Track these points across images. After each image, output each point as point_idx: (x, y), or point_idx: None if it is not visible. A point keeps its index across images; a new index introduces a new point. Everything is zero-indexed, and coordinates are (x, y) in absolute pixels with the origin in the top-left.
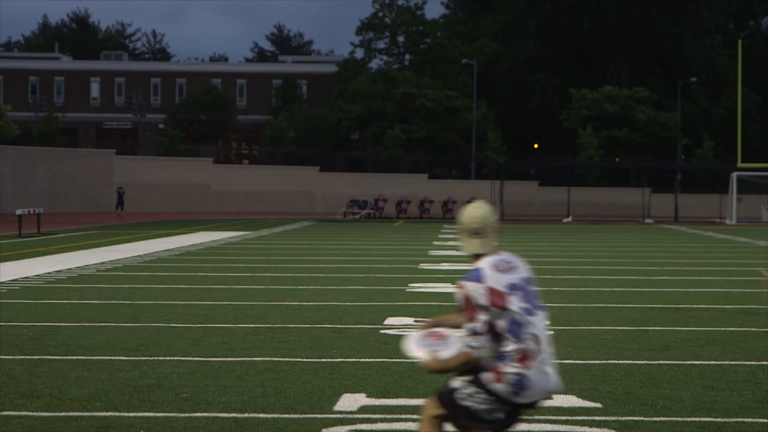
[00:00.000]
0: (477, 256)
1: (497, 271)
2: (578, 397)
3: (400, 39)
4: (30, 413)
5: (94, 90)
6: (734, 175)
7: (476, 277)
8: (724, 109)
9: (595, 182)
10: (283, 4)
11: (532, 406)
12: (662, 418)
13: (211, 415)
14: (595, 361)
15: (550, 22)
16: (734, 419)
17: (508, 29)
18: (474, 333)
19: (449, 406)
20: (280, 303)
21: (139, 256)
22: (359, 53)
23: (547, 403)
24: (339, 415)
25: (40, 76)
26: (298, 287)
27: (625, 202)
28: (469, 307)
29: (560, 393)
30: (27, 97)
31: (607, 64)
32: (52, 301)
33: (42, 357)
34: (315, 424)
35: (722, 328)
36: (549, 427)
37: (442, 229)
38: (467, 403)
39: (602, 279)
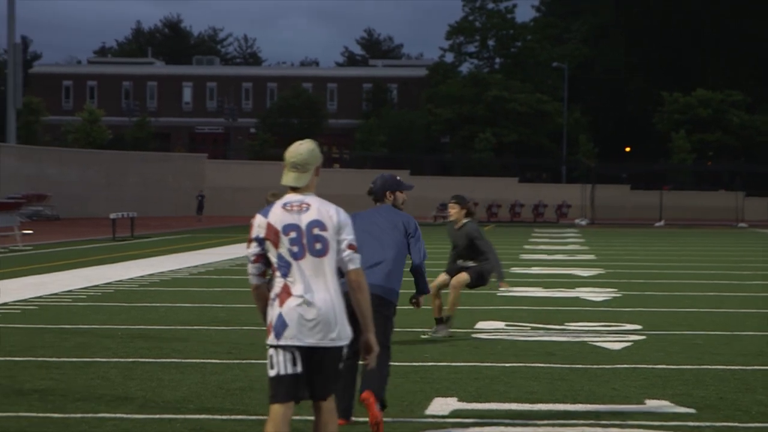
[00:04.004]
0: (294, 189)
1: (284, 210)
2: (671, 402)
3: (491, 43)
4: (124, 415)
5: (187, 94)
6: None
7: (265, 211)
8: None
9: (688, 186)
10: (373, 9)
11: (313, 352)
12: (757, 424)
13: (303, 418)
14: (688, 367)
15: (641, 25)
16: None
17: (598, 33)
18: (248, 260)
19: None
20: None
21: (231, 259)
22: (449, 57)
23: (640, 408)
24: (430, 419)
25: (134, 81)
26: None
27: (718, 206)
28: (250, 236)
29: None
30: (120, 102)
31: (699, 66)
32: (145, 305)
33: (135, 359)
34: (407, 428)
35: None
36: None
37: (533, 233)
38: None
39: (695, 284)
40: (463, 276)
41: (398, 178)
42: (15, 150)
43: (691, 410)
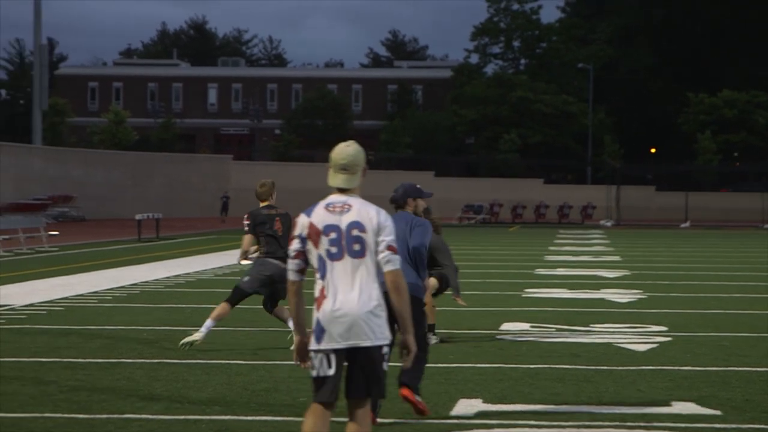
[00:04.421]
0: (341, 191)
1: (326, 210)
2: (697, 404)
3: (515, 44)
4: (150, 416)
5: (212, 96)
6: None
7: (308, 211)
8: None
9: (713, 187)
10: (398, 10)
11: (349, 353)
12: None
13: (336, 419)
14: (714, 368)
15: (666, 27)
16: None
17: (623, 34)
18: (289, 257)
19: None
20: None
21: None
22: (474, 58)
23: (666, 409)
24: (456, 420)
25: (159, 83)
26: None
27: (743, 207)
28: (292, 234)
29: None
30: (146, 104)
31: (724, 67)
32: (170, 306)
33: (161, 360)
34: (432, 429)
35: None
36: None
37: (557, 234)
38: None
39: (721, 285)
40: (432, 280)
41: (418, 186)
42: (41, 151)
43: (717, 412)
